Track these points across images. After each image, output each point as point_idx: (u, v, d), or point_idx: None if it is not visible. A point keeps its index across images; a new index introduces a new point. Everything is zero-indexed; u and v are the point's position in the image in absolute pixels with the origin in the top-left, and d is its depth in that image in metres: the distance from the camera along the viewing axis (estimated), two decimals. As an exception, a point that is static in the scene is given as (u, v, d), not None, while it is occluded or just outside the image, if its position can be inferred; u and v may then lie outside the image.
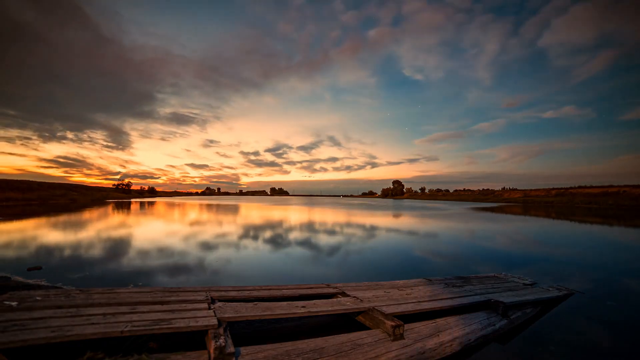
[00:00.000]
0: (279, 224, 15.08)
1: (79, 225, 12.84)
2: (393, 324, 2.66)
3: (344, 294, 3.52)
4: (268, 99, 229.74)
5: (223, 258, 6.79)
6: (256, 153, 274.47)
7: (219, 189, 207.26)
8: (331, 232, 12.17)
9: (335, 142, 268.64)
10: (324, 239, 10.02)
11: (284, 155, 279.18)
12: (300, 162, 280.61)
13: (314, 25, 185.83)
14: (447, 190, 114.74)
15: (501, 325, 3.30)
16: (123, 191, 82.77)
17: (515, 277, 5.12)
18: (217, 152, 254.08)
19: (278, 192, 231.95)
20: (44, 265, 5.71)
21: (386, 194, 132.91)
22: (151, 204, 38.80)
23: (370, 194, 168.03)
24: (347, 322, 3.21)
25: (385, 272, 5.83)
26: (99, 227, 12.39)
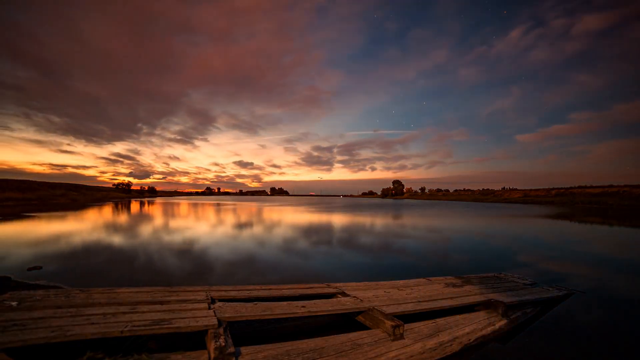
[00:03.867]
0: (278, 224, 15.08)
1: (79, 226, 12.83)
2: (393, 323, 2.66)
3: (343, 294, 3.52)
4: (459, 76, 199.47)
5: (222, 258, 6.79)
6: (329, 149, 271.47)
7: (218, 188, 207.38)
8: (332, 232, 12.16)
9: (439, 137, 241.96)
10: (324, 240, 10.02)
11: (354, 152, 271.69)
12: (360, 161, 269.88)
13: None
14: (447, 190, 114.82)
15: (501, 325, 3.30)
16: (123, 191, 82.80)
17: (515, 277, 5.12)
18: (286, 148, 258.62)
19: (278, 191, 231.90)
20: (44, 265, 5.71)
21: (386, 193, 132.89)
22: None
23: (370, 194, 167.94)
24: (347, 322, 3.21)
25: (385, 272, 5.83)
26: (98, 227, 12.38)
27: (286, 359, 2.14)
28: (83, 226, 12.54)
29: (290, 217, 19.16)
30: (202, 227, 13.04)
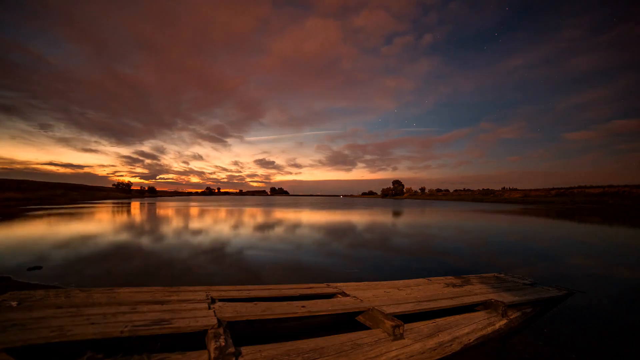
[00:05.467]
0: (278, 224, 15.08)
1: (79, 226, 12.84)
2: (393, 323, 2.66)
3: (343, 294, 3.52)
4: (570, 64, 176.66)
5: (222, 258, 6.79)
6: (364, 147, 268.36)
7: (218, 188, 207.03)
8: (331, 232, 12.17)
9: (487, 135, 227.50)
10: (324, 239, 10.02)
11: (390, 150, 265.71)
12: (386, 160, 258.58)
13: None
14: (447, 190, 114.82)
15: (501, 325, 3.30)
16: (123, 191, 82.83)
17: (515, 277, 5.12)
18: (319, 146, 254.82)
19: (278, 191, 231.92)
20: (44, 265, 5.71)
21: (386, 193, 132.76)
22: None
23: (371, 194, 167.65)
24: (347, 322, 3.21)
25: (385, 272, 5.83)
26: (98, 227, 12.39)
27: (286, 359, 2.14)
28: (83, 226, 12.54)
29: (279, 218, 19.16)
30: (202, 227, 13.04)
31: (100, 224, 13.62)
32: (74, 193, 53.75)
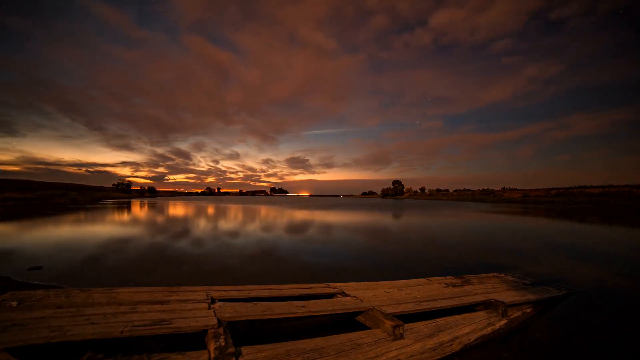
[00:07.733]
0: (278, 223, 15.08)
1: (79, 225, 12.83)
2: (393, 323, 2.66)
3: (343, 294, 3.52)
4: None
5: (222, 257, 6.79)
6: (413, 147, 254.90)
7: (218, 189, 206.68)
8: (331, 232, 12.17)
9: (557, 132, 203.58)
10: (324, 239, 10.02)
11: (439, 149, 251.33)
12: (423, 159, 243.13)
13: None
14: (447, 190, 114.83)
15: (501, 325, 3.30)
16: (122, 191, 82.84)
17: (515, 277, 5.12)
18: (371, 143, 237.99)
19: (278, 191, 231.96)
20: (44, 265, 5.71)
21: (386, 193, 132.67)
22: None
23: (370, 194, 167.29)
24: (347, 322, 3.21)
25: (385, 272, 5.83)
26: (98, 227, 12.38)
27: (286, 359, 2.14)
28: (83, 226, 12.54)
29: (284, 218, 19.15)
30: (201, 224, 13.04)
31: (99, 224, 13.62)
32: (73, 193, 53.69)
